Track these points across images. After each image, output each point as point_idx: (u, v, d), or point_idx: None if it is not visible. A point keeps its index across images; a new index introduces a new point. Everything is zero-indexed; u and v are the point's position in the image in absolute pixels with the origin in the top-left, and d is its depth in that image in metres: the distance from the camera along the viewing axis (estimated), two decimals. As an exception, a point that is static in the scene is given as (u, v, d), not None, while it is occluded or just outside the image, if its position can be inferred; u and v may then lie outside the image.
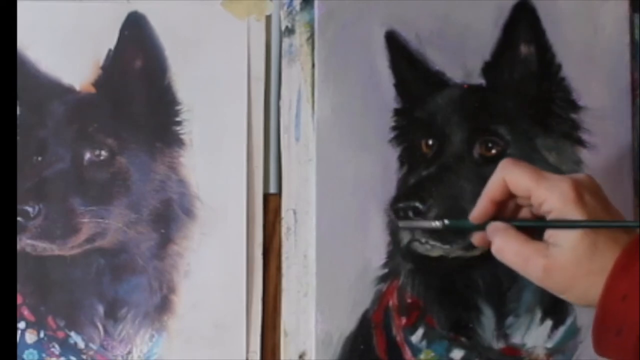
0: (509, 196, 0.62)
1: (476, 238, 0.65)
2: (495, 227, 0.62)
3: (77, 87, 0.78)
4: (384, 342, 0.75)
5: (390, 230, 0.75)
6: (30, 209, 0.74)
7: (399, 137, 0.77)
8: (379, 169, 0.76)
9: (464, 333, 0.74)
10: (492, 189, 0.62)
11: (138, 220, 0.76)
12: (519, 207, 0.63)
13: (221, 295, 0.75)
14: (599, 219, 0.58)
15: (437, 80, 0.77)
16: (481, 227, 0.63)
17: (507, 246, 0.61)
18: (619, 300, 0.55)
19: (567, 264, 0.58)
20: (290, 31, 0.78)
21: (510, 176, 0.61)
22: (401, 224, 0.72)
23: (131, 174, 0.77)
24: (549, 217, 0.59)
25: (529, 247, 0.59)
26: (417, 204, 0.72)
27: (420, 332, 0.75)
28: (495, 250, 0.62)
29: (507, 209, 0.64)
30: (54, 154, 0.76)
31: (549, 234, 0.59)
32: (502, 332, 0.75)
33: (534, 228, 0.61)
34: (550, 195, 0.59)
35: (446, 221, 0.65)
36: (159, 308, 0.76)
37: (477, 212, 0.64)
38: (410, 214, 0.72)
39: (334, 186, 0.76)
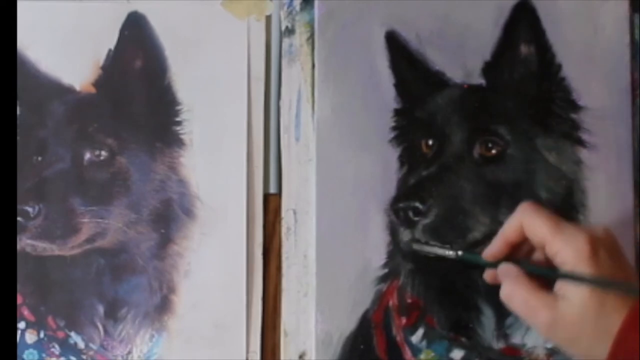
0: (525, 239, 0.62)
1: (488, 274, 0.65)
2: (506, 270, 0.62)
3: (77, 87, 0.78)
4: (384, 342, 0.75)
5: (390, 230, 0.75)
6: (30, 209, 0.74)
7: (399, 137, 0.77)
8: (379, 169, 0.76)
9: (464, 333, 0.74)
10: (508, 231, 0.62)
11: (138, 220, 0.76)
12: (533, 249, 0.63)
13: (221, 295, 0.75)
14: (612, 277, 0.57)
15: (437, 80, 0.77)
16: (494, 264, 0.63)
17: (515, 294, 0.60)
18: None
19: (574, 319, 0.57)
20: (290, 31, 0.78)
21: (528, 222, 0.60)
22: (415, 246, 0.72)
23: (131, 174, 0.77)
24: (562, 268, 0.59)
25: (538, 299, 0.59)
26: (417, 204, 0.72)
27: (420, 332, 0.75)
28: (503, 295, 0.61)
29: (521, 250, 0.63)
30: (54, 154, 0.76)
31: (559, 286, 0.59)
32: (502, 332, 0.75)
33: (546, 279, 0.60)
34: (565, 247, 0.58)
35: (460, 252, 0.66)
36: (159, 308, 0.76)
37: (491, 250, 0.64)
38: (410, 214, 0.72)
39: (334, 186, 0.76)
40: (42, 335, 0.75)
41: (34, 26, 0.78)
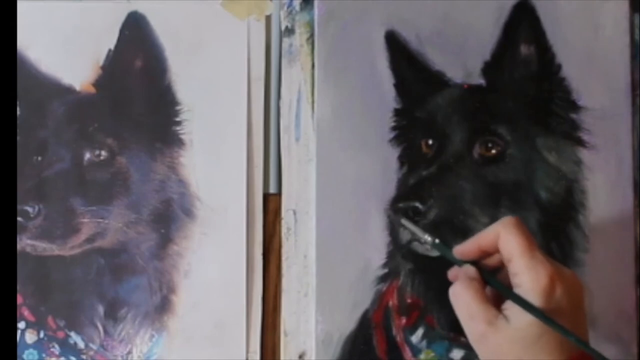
0: (495, 251, 0.61)
1: (452, 273, 0.64)
2: (464, 271, 0.61)
3: (77, 87, 0.78)
4: (384, 342, 0.75)
5: (390, 230, 0.75)
6: (30, 209, 0.74)
7: (399, 137, 0.77)
8: (379, 169, 0.76)
9: (464, 333, 0.74)
10: (483, 237, 0.61)
11: (138, 220, 0.76)
12: (502, 264, 0.62)
13: (221, 295, 0.75)
14: (560, 318, 0.56)
15: (437, 80, 0.77)
16: (460, 262, 0.63)
17: (462, 294, 0.59)
18: None
19: (504, 341, 0.57)
20: (290, 31, 0.78)
21: (504, 234, 0.59)
22: (403, 221, 0.71)
23: (131, 174, 0.77)
24: (516, 291, 0.58)
25: (480, 308, 0.58)
26: (417, 204, 0.72)
27: (420, 332, 0.75)
28: (451, 292, 0.61)
29: (492, 260, 0.62)
30: (54, 154, 0.76)
31: (507, 306, 0.58)
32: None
33: (501, 294, 0.60)
34: (526, 272, 0.57)
35: (437, 240, 0.65)
36: (159, 308, 0.76)
37: (462, 249, 0.63)
38: (410, 214, 0.72)
39: (334, 186, 0.76)
40: (42, 335, 0.75)
41: (34, 26, 0.78)
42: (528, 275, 0.57)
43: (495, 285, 0.61)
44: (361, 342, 0.74)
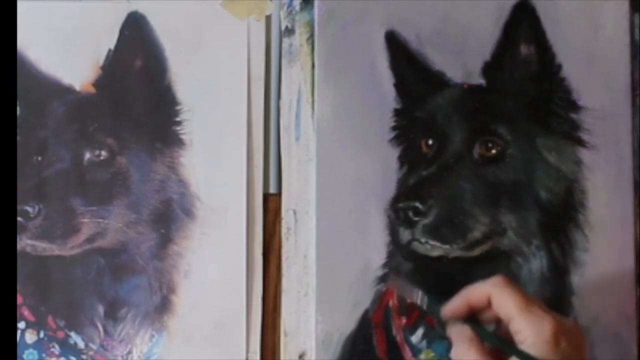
0: (486, 308, 0.60)
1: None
2: (462, 332, 0.60)
3: (77, 87, 0.78)
4: (384, 342, 0.75)
5: (390, 230, 0.75)
6: (30, 209, 0.74)
7: (399, 137, 0.77)
8: (379, 169, 0.76)
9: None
10: (474, 296, 0.60)
11: (138, 220, 0.76)
12: (496, 320, 0.61)
13: (221, 295, 0.75)
14: None
15: (437, 80, 0.77)
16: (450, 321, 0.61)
17: (464, 356, 0.59)
18: None
19: None
20: (290, 31, 0.78)
21: (497, 296, 0.59)
22: (392, 277, 0.71)
23: (131, 174, 0.77)
24: (520, 347, 0.58)
25: None
26: (417, 204, 0.72)
27: (420, 332, 0.75)
28: (455, 356, 0.60)
29: (483, 313, 0.61)
30: (54, 154, 0.76)
31: None
32: (502, 332, 0.75)
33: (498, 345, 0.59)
34: (528, 328, 0.57)
35: (426, 299, 0.62)
36: (159, 308, 0.76)
37: (450, 309, 0.61)
38: (410, 214, 0.72)
39: (334, 186, 0.76)
40: (42, 335, 0.75)
41: (34, 26, 0.78)
42: (530, 331, 0.57)
43: (497, 343, 0.60)
44: (361, 342, 0.74)
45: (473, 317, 0.61)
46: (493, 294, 0.59)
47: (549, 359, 0.56)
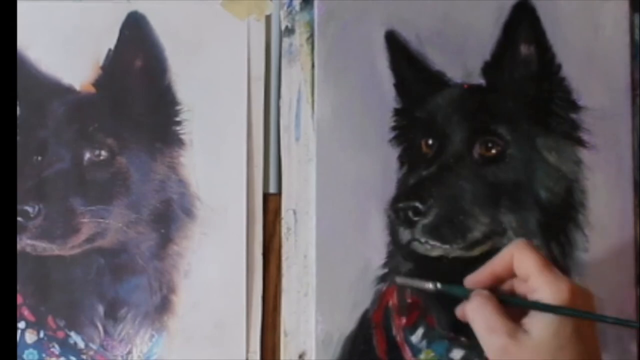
0: (510, 276, 0.62)
1: (460, 310, 0.64)
2: (479, 291, 0.62)
3: (77, 87, 0.78)
4: (384, 342, 0.75)
5: (390, 230, 0.75)
6: (30, 209, 0.74)
7: (399, 137, 0.77)
8: (379, 169, 0.76)
9: (464, 333, 0.74)
10: (497, 262, 0.62)
11: (138, 220, 0.76)
12: (513, 294, 0.63)
13: (221, 295, 0.75)
14: (581, 328, 0.58)
15: (437, 80, 0.77)
16: (470, 293, 0.62)
17: (480, 310, 0.60)
18: None
19: (527, 354, 0.57)
20: (290, 31, 0.78)
21: (518, 255, 0.61)
22: (398, 280, 0.71)
23: (131, 174, 0.77)
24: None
25: (500, 321, 0.59)
26: (417, 204, 0.72)
27: (420, 332, 0.75)
28: (468, 309, 0.61)
29: (502, 290, 0.63)
30: (54, 154, 0.76)
31: (525, 320, 0.59)
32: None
33: (517, 312, 0.60)
34: (546, 286, 0.58)
35: (439, 285, 0.64)
36: (159, 308, 0.76)
37: (475, 277, 0.63)
38: (410, 213, 0.72)
39: (334, 186, 0.76)
40: (42, 335, 0.75)
41: (34, 26, 0.78)
42: (549, 289, 0.58)
43: (514, 302, 0.61)
44: (361, 342, 0.74)
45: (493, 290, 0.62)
46: (515, 254, 0.61)
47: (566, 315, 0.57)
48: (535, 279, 0.59)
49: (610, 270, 0.75)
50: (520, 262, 0.60)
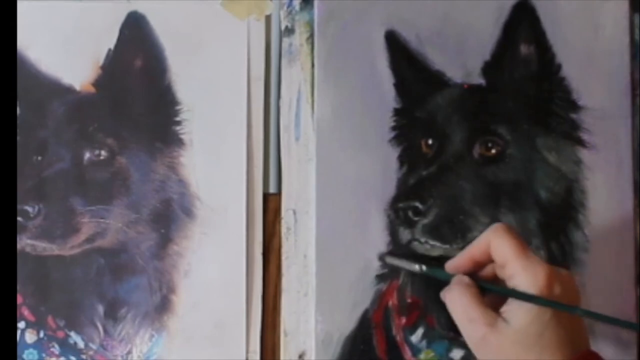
0: (489, 260, 0.61)
1: (443, 294, 0.64)
2: (459, 278, 0.62)
3: (77, 87, 0.78)
4: (384, 342, 0.75)
5: (390, 230, 0.75)
6: (30, 209, 0.74)
7: (399, 137, 0.77)
8: (379, 169, 0.76)
9: (464, 333, 0.74)
10: (475, 247, 0.62)
11: (138, 220, 0.76)
12: (494, 278, 0.62)
13: (221, 295, 0.75)
14: (559, 315, 0.57)
15: (437, 80, 0.77)
16: (453, 277, 0.63)
17: (459, 298, 0.60)
18: None
19: (506, 342, 0.57)
20: (290, 31, 0.78)
21: (495, 241, 0.60)
22: (387, 259, 0.71)
23: (131, 174, 0.77)
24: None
25: (479, 310, 0.59)
26: (417, 204, 0.72)
27: (420, 332, 0.75)
28: (447, 296, 0.61)
29: (482, 275, 0.63)
30: (54, 154, 0.76)
31: (504, 309, 0.59)
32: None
33: (497, 298, 0.60)
34: (523, 272, 0.58)
35: (424, 267, 0.65)
36: (159, 308, 0.76)
37: (455, 263, 0.63)
38: (410, 213, 0.72)
39: (334, 186, 0.76)
40: (42, 335, 0.75)
41: (34, 26, 0.78)
42: (525, 275, 0.58)
43: (493, 289, 0.61)
44: (361, 342, 0.74)
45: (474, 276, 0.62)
46: (492, 240, 0.60)
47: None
48: (511, 264, 0.59)
49: (610, 271, 0.75)
50: (497, 248, 0.60)
